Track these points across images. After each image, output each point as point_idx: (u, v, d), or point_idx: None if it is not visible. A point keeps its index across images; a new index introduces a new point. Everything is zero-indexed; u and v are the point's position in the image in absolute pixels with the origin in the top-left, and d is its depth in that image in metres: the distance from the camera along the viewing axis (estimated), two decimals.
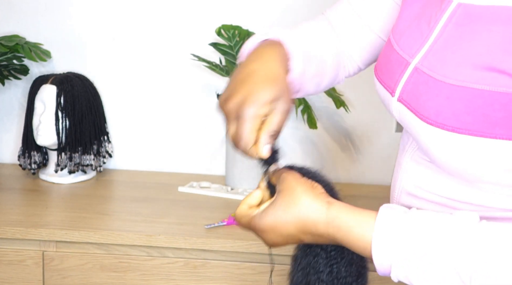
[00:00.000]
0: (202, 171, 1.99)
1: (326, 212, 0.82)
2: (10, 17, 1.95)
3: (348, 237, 0.81)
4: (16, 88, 1.99)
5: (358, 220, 0.82)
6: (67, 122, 1.81)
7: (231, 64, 1.81)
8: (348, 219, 0.82)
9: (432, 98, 0.83)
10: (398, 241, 0.79)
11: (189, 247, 1.50)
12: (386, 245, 0.79)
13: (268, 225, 0.84)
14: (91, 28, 1.95)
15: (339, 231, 0.82)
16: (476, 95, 0.79)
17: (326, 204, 0.83)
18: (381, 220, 0.81)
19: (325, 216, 0.82)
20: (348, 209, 0.83)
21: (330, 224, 0.82)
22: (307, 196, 0.83)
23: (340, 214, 0.82)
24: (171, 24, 1.92)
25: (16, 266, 1.55)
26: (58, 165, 1.82)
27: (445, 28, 0.87)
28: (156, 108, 1.98)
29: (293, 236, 0.83)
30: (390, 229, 0.80)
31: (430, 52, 0.87)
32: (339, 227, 0.82)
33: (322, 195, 0.84)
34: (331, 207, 0.83)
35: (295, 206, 0.83)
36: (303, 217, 0.82)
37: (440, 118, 0.81)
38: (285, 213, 0.83)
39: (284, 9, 1.88)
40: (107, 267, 1.53)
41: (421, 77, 0.86)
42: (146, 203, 1.71)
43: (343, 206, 0.84)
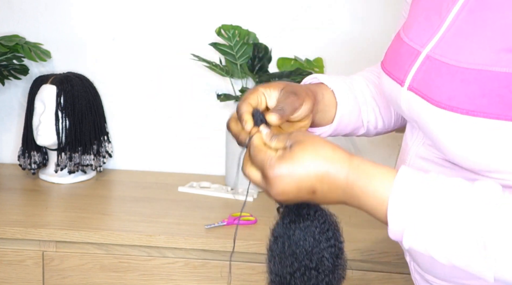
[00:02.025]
0: (202, 171, 1.99)
1: (349, 159, 0.80)
2: (10, 17, 1.95)
3: (367, 188, 0.78)
4: (16, 88, 1.99)
5: (379, 171, 0.79)
6: (67, 122, 1.81)
7: (231, 64, 1.81)
8: (369, 169, 0.79)
9: (445, 83, 0.84)
10: (417, 201, 0.76)
11: (189, 247, 1.50)
12: (404, 203, 0.76)
13: (287, 170, 0.79)
14: (91, 28, 1.95)
15: (359, 180, 0.79)
16: (491, 77, 0.79)
17: (348, 154, 0.81)
18: (402, 178, 0.77)
19: (347, 164, 0.79)
20: (370, 162, 0.80)
21: (351, 172, 0.79)
22: (329, 146, 0.80)
23: (363, 164, 0.80)
24: (171, 24, 1.92)
25: (16, 266, 1.54)
26: (58, 165, 1.82)
27: (458, 16, 0.88)
28: (156, 108, 1.98)
29: (307, 187, 0.79)
30: (410, 189, 0.76)
31: (443, 40, 0.88)
32: (359, 176, 0.79)
33: (340, 148, 0.82)
34: (353, 157, 0.80)
35: (318, 152, 0.80)
36: (326, 164, 0.79)
37: (453, 102, 0.82)
38: (306, 160, 0.79)
39: (284, 9, 1.88)
40: (107, 267, 1.53)
41: (433, 64, 0.87)
42: (146, 203, 1.71)
43: (364, 159, 0.81)
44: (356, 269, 1.48)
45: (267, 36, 1.85)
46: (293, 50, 1.85)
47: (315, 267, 0.85)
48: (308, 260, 0.86)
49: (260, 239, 1.49)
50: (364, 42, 1.85)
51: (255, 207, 1.69)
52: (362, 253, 1.46)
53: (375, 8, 1.85)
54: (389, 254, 1.45)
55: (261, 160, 0.81)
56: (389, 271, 1.47)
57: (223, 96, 1.80)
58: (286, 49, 1.85)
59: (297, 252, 0.86)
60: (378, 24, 1.83)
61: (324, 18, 1.87)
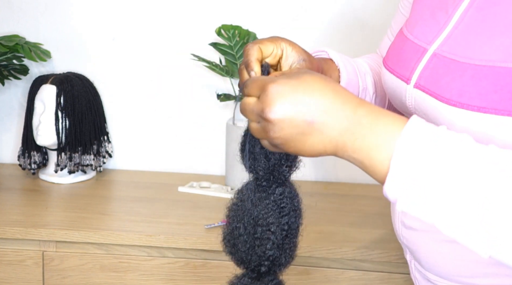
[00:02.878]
0: (202, 171, 1.99)
1: (359, 99, 0.72)
2: (10, 17, 1.95)
3: (376, 126, 0.69)
4: (16, 88, 1.99)
5: (390, 114, 0.71)
6: (67, 122, 1.81)
7: (231, 64, 1.81)
8: (379, 110, 0.71)
9: (454, 80, 0.83)
10: (421, 160, 0.67)
11: (189, 247, 1.50)
12: (408, 160, 0.67)
13: (290, 86, 0.71)
14: (91, 28, 1.95)
15: (370, 114, 0.70)
16: (504, 73, 0.79)
17: (359, 98, 0.73)
18: (412, 128, 0.68)
19: (357, 101, 0.71)
20: (377, 110, 0.72)
21: (360, 107, 0.70)
22: (340, 85, 0.73)
23: (372, 106, 0.72)
24: (171, 24, 1.92)
25: (16, 266, 1.54)
26: (58, 165, 1.82)
27: (466, 13, 0.88)
28: (156, 108, 1.98)
29: (306, 112, 0.70)
30: (417, 146, 0.67)
31: (451, 37, 0.88)
32: (371, 111, 0.70)
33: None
34: (363, 100, 0.73)
35: (328, 84, 0.72)
36: (335, 95, 0.71)
37: (463, 99, 0.81)
38: (314, 84, 0.71)
39: (284, 9, 1.88)
40: (107, 267, 1.53)
41: (440, 62, 0.87)
42: (146, 203, 1.71)
43: (370, 104, 0.73)
44: (356, 269, 1.48)
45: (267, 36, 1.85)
46: None
47: (259, 237, 0.86)
48: (252, 229, 0.87)
49: None
50: (364, 42, 1.85)
51: None
52: (362, 253, 1.46)
53: (375, 9, 1.85)
54: (389, 254, 1.45)
55: (263, 79, 0.74)
56: (389, 271, 1.47)
57: (223, 96, 1.80)
58: None
59: (245, 219, 0.87)
60: (378, 24, 1.83)
61: (324, 18, 1.87)
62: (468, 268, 0.91)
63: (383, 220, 1.57)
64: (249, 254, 0.88)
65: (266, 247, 0.86)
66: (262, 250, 0.86)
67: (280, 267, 0.89)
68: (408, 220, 0.99)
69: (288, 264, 0.90)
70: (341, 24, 1.86)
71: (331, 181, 1.94)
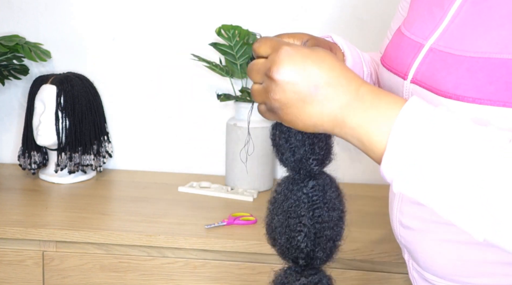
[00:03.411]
0: (202, 171, 1.99)
1: (363, 79, 0.73)
2: (10, 17, 1.95)
3: (378, 104, 0.69)
4: (16, 88, 1.99)
5: (393, 95, 0.71)
6: (67, 122, 1.81)
7: (231, 64, 1.81)
8: (383, 90, 0.72)
9: (450, 73, 0.84)
10: (419, 140, 0.66)
11: (189, 247, 1.50)
12: (406, 138, 0.67)
13: (300, 51, 0.71)
14: (91, 28, 1.95)
15: (372, 93, 0.70)
16: (499, 64, 0.79)
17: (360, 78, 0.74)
18: (411, 107, 0.68)
19: (363, 80, 0.73)
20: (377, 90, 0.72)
21: (365, 84, 0.71)
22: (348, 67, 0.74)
23: (375, 87, 0.72)
24: (171, 24, 1.92)
25: (16, 266, 1.54)
26: (58, 165, 1.82)
27: (461, 8, 0.88)
28: (156, 108, 1.98)
29: (313, 75, 0.70)
30: (415, 125, 0.67)
31: (447, 32, 0.89)
32: (374, 89, 0.71)
33: None
34: (367, 82, 0.74)
35: (338, 60, 0.73)
36: (342, 70, 0.71)
37: (459, 91, 0.82)
38: (323, 56, 0.72)
39: (284, 9, 1.88)
40: (107, 267, 1.53)
41: (437, 56, 0.88)
42: (146, 203, 1.71)
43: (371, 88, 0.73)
44: (356, 269, 1.48)
45: None
46: None
47: (293, 229, 0.86)
48: (286, 221, 0.87)
49: (260, 239, 1.48)
50: (364, 42, 1.85)
51: (255, 207, 1.69)
52: (362, 253, 1.46)
53: (375, 8, 1.85)
54: (389, 254, 1.45)
55: (278, 39, 0.74)
56: (389, 271, 1.47)
57: (223, 96, 1.80)
58: None
59: (279, 212, 0.88)
60: (378, 24, 1.83)
61: (324, 18, 1.87)
62: (466, 267, 0.92)
63: (382, 220, 1.57)
64: (286, 246, 0.87)
65: (298, 239, 0.86)
66: (295, 242, 0.86)
67: (319, 261, 0.89)
68: (405, 220, 0.99)
69: (329, 258, 0.90)
70: (341, 24, 1.86)
71: None
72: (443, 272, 0.94)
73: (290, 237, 0.87)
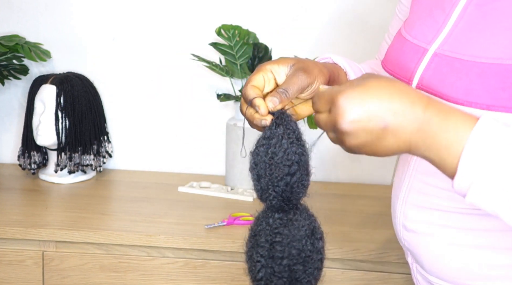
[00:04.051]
0: (202, 171, 1.99)
1: (427, 96, 0.73)
2: (10, 17, 1.95)
3: (446, 122, 0.71)
4: (16, 88, 1.99)
5: (460, 112, 0.72)
6: (67, 122, 1.81)
7: (231, 64, 1.81)
8: (450, 108, 0.72)
9: (460, 79, 0.83)
10: (492, 155, 0.68)
11: (189, 247, 1.50)
12: (480, 153, 0.69)
13: (359, 95, 0.71)
14: (91, 28, 1.95)
15: (439, 114, 0.71)
16: (511, 70, 0.78)
17: (426, 95, 0.74)
18: (483, 125, 0.70)
19: (426, 99, 0.72)
20: (446, 107, 0.73)
21: (430, 105, 0.72)
22: (406, 85, 0.75)
23: (442, 104, 0.73)
24: (171, 24, 1.92)
25: (16, 266, 1.54)
26: (58, 165, 1.82)
27: (465, 11, 0.87)
28: (156, 108, 1.98)
29: (378, 118, 0.71)
30: (489, 140, 0.69)
31: (451, 36, 0.87)
32: (439, 110, 0.71)
33: None
34: (430, 100, 0.73)
35: (394, 85, 0.73)
36: (402, 95, 0.71)
37: (471, 97, 0.81)
38: (380, 89, 0.72)
39: (284, 9, 1.88)
40: (107, 267, 1.53)
41: (443, 61, 0.86)
42: (146, 203, 1.71)
43: (438, 102, 0.74)
44: (356, 269, 1.48)
45: (267, 36, 1.85)
46: (293, 50, 1.85)
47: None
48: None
49: None
50: (364, 42, 1.85)
51: (255, 207, 1.68)
52: (362, 253, 1.46)
53: (375, 8, 1.85)
54: (389, 254, 1.45)
55: (329, 92, 0.74)
56: (389, 271, 1.47)
57: (223, 96, 1.80)
58: (286, 49, 1.85)
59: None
60: (378, 24, 1.83)
61: (324, 18, 1.87)
62: (471, 271, 0.91)
63: (383, 220, 1.57)
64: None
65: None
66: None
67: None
68: (410, 223, 0.98)
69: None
70: (341, 24, 1.86)
71: (331, 181, 1.94)
72: (448, 276, 0.94)
73: (250, 267, 0.86)
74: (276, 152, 0.82)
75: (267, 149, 0.83)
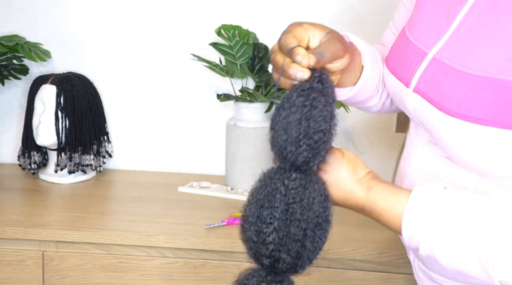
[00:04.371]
0: (202, 171, 1.99)
1: (366, 195, 0.89)
2: (10, 17, 1.95)
3: (382, 215, 0.89)
4: (16, 88, 1.99)
5: (392, 201, 0.87)
6: (67, 122, 1.81)
7: (231, 64, 1.81)
8: (383, 202, 0.88)
9: (453, 89, 0.83)
10: (426, 216, 0.83)
11: (189, 247, 1.50)
12: (414, 222, 0.84)
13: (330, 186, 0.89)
14: (91, 28, 1.95)
15: (375, 210, 0.89)
16: (503, 86, 0.78)
17: (366, 189, 0.89)
18: (413, 199, 0.85)
19: (364, 198, 0.89)
20: (385, 193, 0.89)
21: (367, 204, 0.89)
22: (350, 181, 0.89)
23: (377, 198, 0.88)
24: (171, 24, 1.92)
25: (16, 266, 1.54)
26: (58, 165, 1.82)
27: (466, 18, 0.86)
28: (156, 108, 1.98)
29: (338, 200, 0.90)
30: (419, 207, 0.84)
31: (450, 42, 0.87)
32: (374, 208, 0.89)
33: (363, 179, 0.89)
34: (370, 192, 0.89)
35: (340, 187, 0.89)
36: (347, 196, 0.90)
37: (462, 110, 0.81)
38: (333, 188, 0.88)
39: (284, 9, 1.88)
40: (107, 267, 1.53)
41: (440, 68, 0.86)
42: (146, 203, 1.71)
43: (380, 189, 0.89)
44: (356, 269, 1.48)
45: (267, 36, 1.85)
46: None
47: (263, 219, 0.82)
48: (260, 207, 0.83)
49: None
50: None
51: None
52: (362, 253, 1.46)
53: (375, 8, 1.85)
54: (389, 254, 1.45)
55: None
56: (389, 271, 1.47)
57: (223, 96, 1.80)
58: None
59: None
60: (379, 24, 1.83)
61: (324, 19, 1.87)
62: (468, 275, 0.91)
63: None
64: (253, 240, 0.82)
65: (265, 232, 0.81)
66: (262, 236, 0.82)
67: (285, 265, 0.83)
68: None
69: (295, 265, 0.84)
70: (341, 24, 1.86)
71: None
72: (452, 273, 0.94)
73: (259, 230, 0.81)
74: (315, 105, 0.80)
75: (305, 100, 0.80)
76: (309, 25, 0.87)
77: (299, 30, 0.85)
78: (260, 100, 1.77)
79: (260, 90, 1.81)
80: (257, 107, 1.79)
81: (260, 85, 1.82)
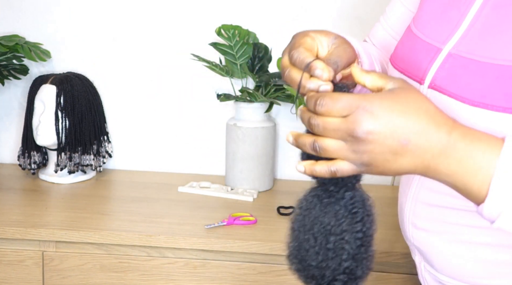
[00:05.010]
0: (202, 171, 1.99)
1: (452, 120, 0.73)
2: (10, 17, 1.95)
3: (471, 151, 0.70)
4: (16, 88, 1.99)
5: (486, 137, 0.72)
6: (67, 122, 1.81)
7: (231, 64, 1.81)
8: (474, 132, 0.72)
9: (476, 81, 0.82)
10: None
11: (189, 247, 1.50)
12: (510, 181, 0.69)
13: (387, 105, 0.70)
14: (91, 28, 1.95)
15: (464, 138, 0.71)
16: None
17: (452, 119, 0.73)
18: (510, 151, 0.70)
19: (452, 122, 0.72)
20: (469, 138, 0.72)
21: (455, 128, 0.71)
22: (433, 105, 0.73)
23: (466, 128, 0.72)
24: (171, 24, 1.92)
25: (16, 266, 1.54)
26: (58, 165, 1.82)
27: (481, 11, 0.86)
28: (156, 108, 1.98)
29: (401, 134, 0.69)
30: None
31: (467, 36, 0.86)
32: (466, 134, 0.71)
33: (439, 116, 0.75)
34: (457, 121, 0.73)
35: (422, 105, 0.71)
36: (427, 118, 0.70)
37: (487, 100, 0.80)
38: (409, 104, 0.70)
39: (284, 9, 1.88)
40: (107, 267, 1.53)
41: (458, 62, 0.85)
42: (146, 203, 1.71)
43: (466, 132, 0.72)
44: None
45: (267, 36, 1.85)
46: None
47: (333, 248, 0.78)
48: (324, 239, 0.78)
49: (260, 239, 1.49)
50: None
51: (255, 207, 1.69)
52: None
53: (375, 8, 1.85)
54: (389, 254, 1.45)
55: (351, 98, 0.70)
56: (389, 271, 1.47)
57: (223, 96, 1.80)
58: None
59: (315, 229, 0.78)
60: None
61: (324, 18, 1.87)
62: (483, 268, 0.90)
63: (383, 220, 1.57)
64: (322, 268, 0.78)
65: (342, 258, 0.78)
66: (336, 262, 0.78)
67: (357, 281, 0.81)
68: (419, 221, 0.97)
69: (365, 276, 0.82)
70: (341, 24, 1.86)
71: None
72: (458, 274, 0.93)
73: (330, 257, 0.77)
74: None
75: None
76: (314, 33, 0.84)
77: (307, 41, 0.82)
78: (260, 100, 1.77)
79: (260, 90, 1.81)
80: (257, 107, 1.79)
81: (260, 85, 1.82)
